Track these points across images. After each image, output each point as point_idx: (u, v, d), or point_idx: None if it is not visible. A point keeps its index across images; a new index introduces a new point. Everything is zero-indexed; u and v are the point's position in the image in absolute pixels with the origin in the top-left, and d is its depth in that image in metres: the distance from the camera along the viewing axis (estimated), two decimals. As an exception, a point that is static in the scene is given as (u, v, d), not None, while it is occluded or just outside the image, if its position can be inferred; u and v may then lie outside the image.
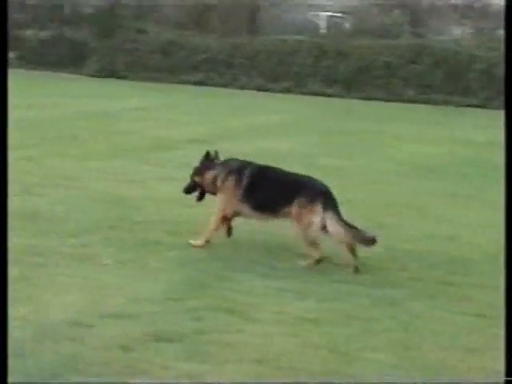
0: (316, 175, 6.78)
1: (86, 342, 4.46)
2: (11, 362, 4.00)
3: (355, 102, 24.16)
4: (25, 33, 33.35)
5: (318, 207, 6.25)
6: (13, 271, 5.55)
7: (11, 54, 32.97)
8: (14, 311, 4.78)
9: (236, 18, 30.64)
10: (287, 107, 21.89)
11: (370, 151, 13.29)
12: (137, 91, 24.02)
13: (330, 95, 25.29)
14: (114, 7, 30.16)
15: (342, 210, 6.36)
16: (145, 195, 8.57)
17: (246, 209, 6.63)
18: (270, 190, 6.56)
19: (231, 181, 6.65)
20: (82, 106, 18.31)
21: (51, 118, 15.13)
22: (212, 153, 6.98)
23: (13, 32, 32.65)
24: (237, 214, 6.72)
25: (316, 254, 6.29)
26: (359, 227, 6.26)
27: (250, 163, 6.80)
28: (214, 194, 6.82)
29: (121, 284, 5.51)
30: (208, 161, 6.95)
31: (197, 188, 6.96)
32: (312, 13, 34.24)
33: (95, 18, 30.38)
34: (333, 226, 6.21)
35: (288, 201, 6.40)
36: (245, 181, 6.60)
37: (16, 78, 25.70)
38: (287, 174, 6.72)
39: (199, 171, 6.95)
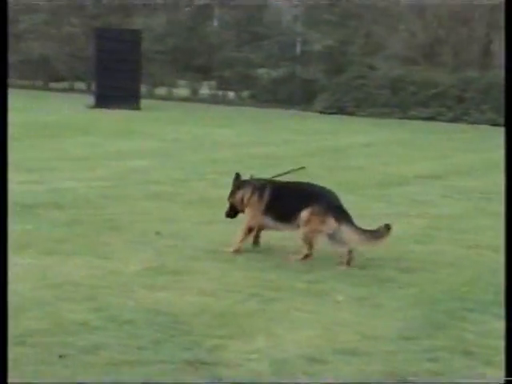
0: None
1: (321, 378, 4.46)
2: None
3: None
4: (257, 72, 34.65)
5: (331, 220, 6.90)
6: (249, 304, 5.72)
7: (244, 93, 34.36)
8: (251, 344, 4.89)
9: (468, 52, 30.01)
10: (522, 142, 21.01)
11: None
12: (365, 127, 24.12)
13: None
14: (344, 45, 30.56)
15: None
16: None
17: (269, 221, 7.27)
18: (288, 201, 7.19)
19: (255, 197, 7.29)
20: (312, 142, 18.64)
21: (283, 155, 15.49)
22: (241, 174, 7.58)
23: (246, 71, 34.09)
24: (262, 226, 7.36)
25: (308, 251, 6.99)
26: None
27: (270, 181, 7.48)
28: (243, 211, 7.44)
29: (354, 321, 5.47)
30: (238, 182, 7.49)
31: (232, 209, 7.52)
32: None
33: (325, 55, 30.93)
34: (348, 234, 6.84)
35: (303, 209, 7.00)
36: (267, 197, 7.26)
37: (249, 116, 26.71)
38: (302, 185, 7.37)
39: (232, 193, 7.50)
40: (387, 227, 6.83)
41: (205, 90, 35.74)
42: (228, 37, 34.37)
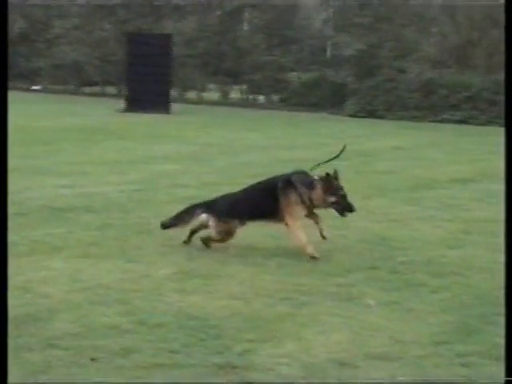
0: None
1: (352, 383, 4.44)
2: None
3: None
4: (287, 75, 34.64)
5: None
6: (279, 308, 5.72)
7: (274, 97, 34.35)
8: (281, 348, 4.88)
9: (500, 54, 29.73)
10: (555, 145, 20.81)
11: None
12: (396, 130, 24.01)
13: None
14: (375, 48, 30.45)
15: None
16: (407, 235, 8.45)
17: None
18: None
19: None
20: (342, 145, 18.55)
21: (313, 158, 15.41)
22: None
23: (276, 75, 34.09)
24: None
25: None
26: None
27: None
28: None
29: (385, 325, 5.44)
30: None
31: None
32: None
33: (356, 59, 30.84)
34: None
35: None
36: None
37: (279, 120, 26.71)
38: None
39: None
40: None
41: (235, 93, 35.79)
42: (258, 40, 34.38)
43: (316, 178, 7.48)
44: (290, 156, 15.58)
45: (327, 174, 7.40)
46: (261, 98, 34.96)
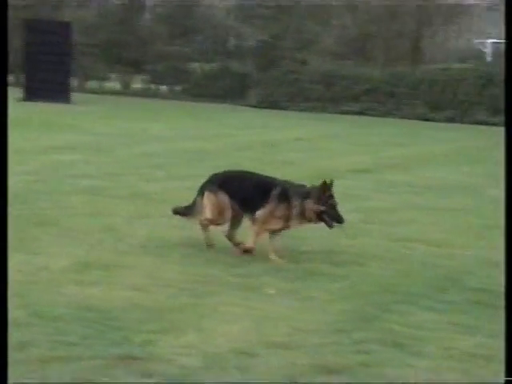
0: (485, 207, 6.55)
1: (252, 372, 4.46)
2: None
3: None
4: (190, 66, 34.53)
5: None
6: (181, 299, 5.69)
7: (177, 87, 34.17)
8: (182, 339, 4.86)
9: (398, 47, 30.42)
10: (451, 137, 21.45)
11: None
12: (298, 121, 24.25)
13: (495, 124, 24.53)
14: (277, 39, 30.67)
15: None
16: (311, 226, 8.52)
17: None
18: None
19: None
20: (244, 136, 18.65)
21: (216, 149, 15.47)
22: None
23: (179, 65, 33.91)
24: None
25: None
26: None
27: None
28: None
29: (285, 314, 5.48)
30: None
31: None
32: (477, 40, 33.51)
33: (258, 50, 31.00)
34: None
35: None
36: None
37: (181, 110, 26.60)
38: None
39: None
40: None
41: (137, 83, 35.45)
42: (160, 30, 34.13)
43: (312, 187, 7.18)
44: (192, 146, 15.56)
45: (324, 183, 7.11)
46: (163, 88, 34.75)
